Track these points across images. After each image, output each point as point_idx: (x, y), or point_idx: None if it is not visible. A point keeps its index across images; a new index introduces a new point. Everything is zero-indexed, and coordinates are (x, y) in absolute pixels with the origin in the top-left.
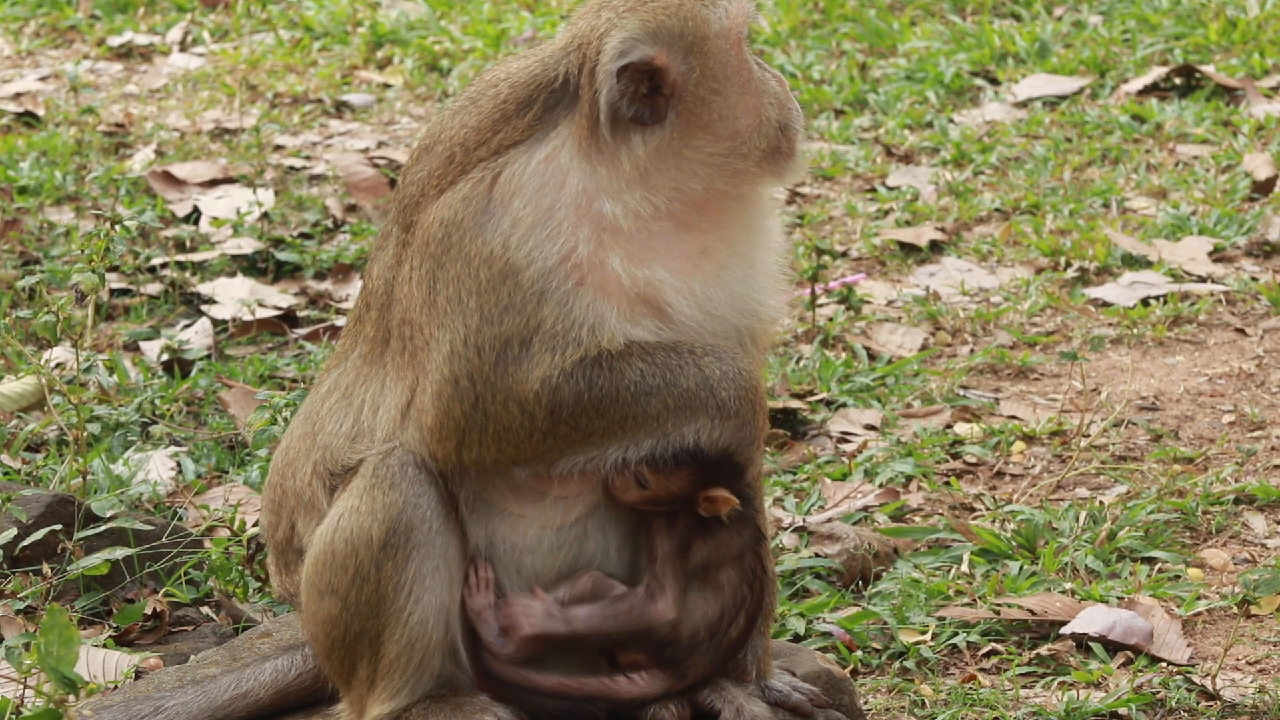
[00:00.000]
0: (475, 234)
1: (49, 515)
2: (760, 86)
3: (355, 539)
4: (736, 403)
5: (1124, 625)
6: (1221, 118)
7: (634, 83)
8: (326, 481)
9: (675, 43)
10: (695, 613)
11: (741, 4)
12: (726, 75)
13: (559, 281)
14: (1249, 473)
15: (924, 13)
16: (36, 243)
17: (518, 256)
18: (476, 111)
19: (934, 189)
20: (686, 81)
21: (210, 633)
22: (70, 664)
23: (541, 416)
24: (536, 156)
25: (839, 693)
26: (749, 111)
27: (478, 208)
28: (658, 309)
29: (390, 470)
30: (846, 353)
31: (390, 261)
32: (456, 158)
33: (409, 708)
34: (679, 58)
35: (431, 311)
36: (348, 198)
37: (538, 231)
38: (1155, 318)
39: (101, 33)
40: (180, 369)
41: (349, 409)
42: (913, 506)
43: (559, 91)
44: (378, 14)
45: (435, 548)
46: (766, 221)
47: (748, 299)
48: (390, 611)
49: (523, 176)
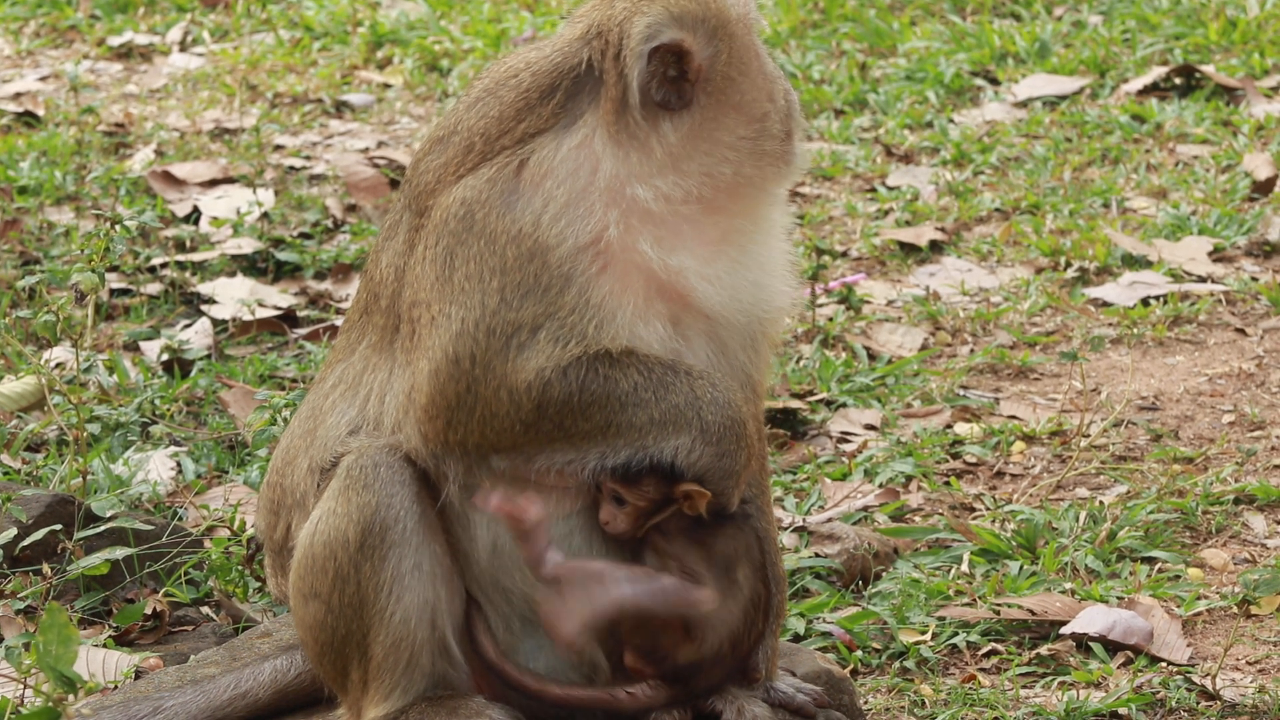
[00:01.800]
0: (504, 212)
1: (49, 515)
2: (775, 72)
3: (333, 541)
4: (720, 429)
5: (1124, 625)
6: (1221, 118)
7: (663, 65)
8: (318, 478)
9: (699, 26)
10: (719, 624)
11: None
12: (746, 59)
13: (585, 265)
14: (1249, 473)
15: (924, 13)
16: (36, 243)
17: (549, 235)
18: (497, 102)
19: (934, 189)
20: (714, 65)
21: (210, 633)
22: (69, 663)
23: (528, 409)
24: (567, 143)
25: (839, 693)
26: (768, 95)
27: (505, 188)
28: (681, 296)
29: (363, 470)
30: (846, 353)
31: (401, 248)
32: (477, 146)
33: (405, 709)
34: (704, 41)
35: (445, 288)
36: (348, 198)
37: (570, 211)
38: (1155, 318)
39: (101, 33)
40: (180, 369)
41: (354, 399)
42: (913, 506)
43: (583, 79)
44: (378, 14)
45: (412, 546)
46: (779, 215)
47: (764, 288)
48: (373, 612)
49: (554, 160)
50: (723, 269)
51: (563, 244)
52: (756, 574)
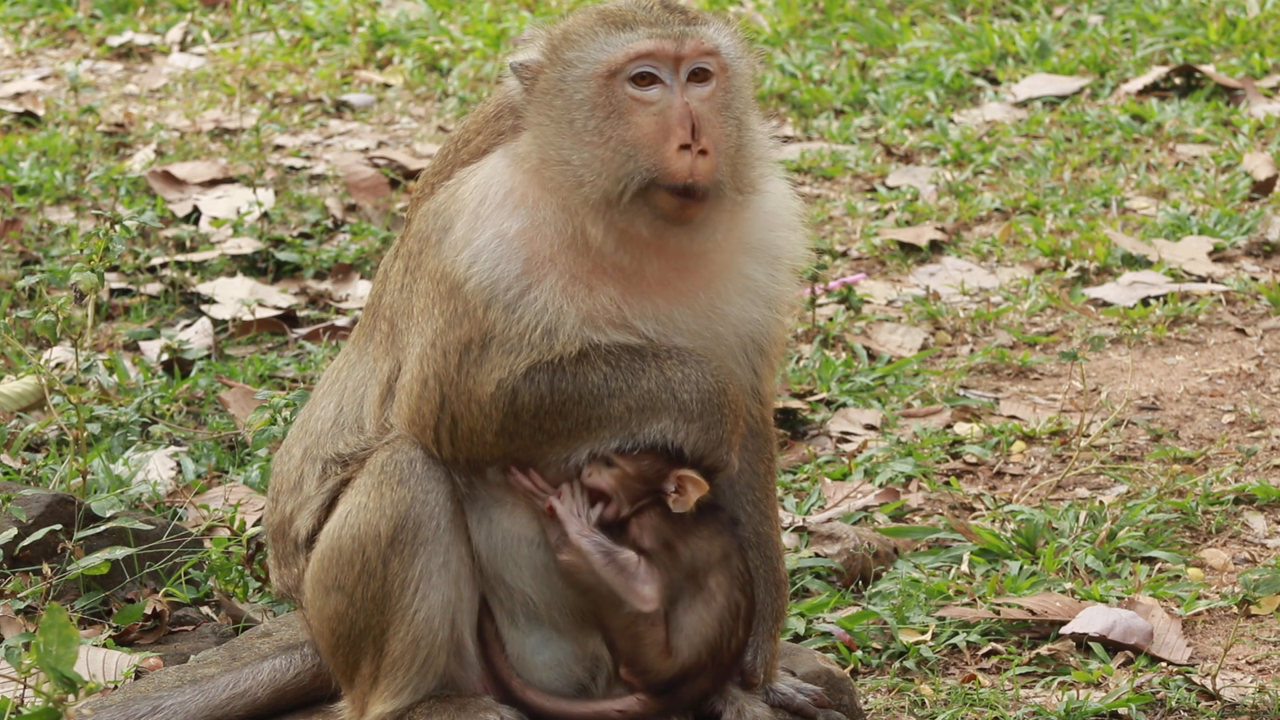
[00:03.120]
0: (435, 251)
1: (49, 515)
2: (618, 130)
3: (363, 535)
4: (699, 405)
5: (1124, 625)
6: (1221, 118)
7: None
8: (316, 466)
9: (548, 54)
10: (694, 634)
11: (627, 47)
12: (579, 101)
13: (503, 291)
14: (1249, 473)
15: (924, 13)
16: (36, 243)
17: (460, 272)
18: (472, 113)
19: (934, 189)
20: (546, 85)
21: (210, 633)
22: (70, 663)
23: (499, 418)
24: (484, 169)
25: (839, 693)
26: (589, 145)
27: (441, 224)
28: (617, 320)
29: (399, 466)
30: (846, 353)
31: (391, 253)
32: (449, 156)
33: (412, 707)
34: (548, 64)
35: (409, 316)
36: (348, 198)
37: (482, 247)
38: (1155, 318)
39: (101, 33)
40: (180, 369)
41: (338, 393)
42: (913, 506)
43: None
44: (378, 14)
45: (442, 544)
46: (744, 237)
47: (722, 315)
48: (396, 608)
49: (469, 191)
50: (660, 300)
51: (470, 280)
52: (734, 583)
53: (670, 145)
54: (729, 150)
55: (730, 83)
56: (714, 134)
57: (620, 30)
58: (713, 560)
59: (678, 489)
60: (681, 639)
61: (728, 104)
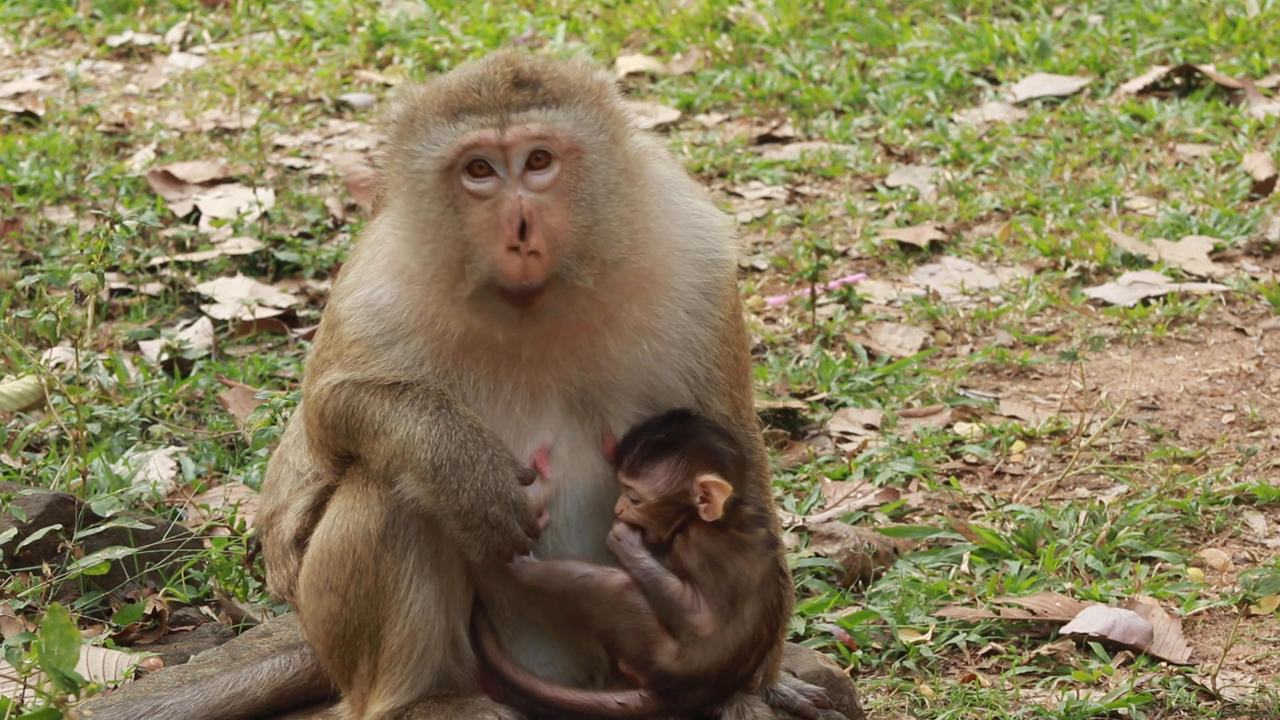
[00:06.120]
0: (338, 283)
1: (49, 515)
2: (454, 227)
3: (352, 534)
4: (433, 469)
5: (1124, 625)
6: (1221, 117)
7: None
8: (290, 469)
9: (394, 140)
10: (711, 651)
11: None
12: (420, 192)
13: (369, 340)
14: (1249, 473)
15: (924, 13)
16: (36, 243)
17: (340, 314)
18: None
19: (934, 189)
20: (394, 172)
21: (210, 633)
22: (70, 664)
23: (316, 422)
24: (381, 226)
25: (839, 693)
26: (432, 241)
27: (347, 263)
28: (481, 393)
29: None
30: (846, 352)
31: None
32: (381, 197)
33: (410, 706)
34: (394, 151)
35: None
36: (348, 197)
37: (356, 305)
38: (1155, 318)
39: (101, 33)
40: (180, 369)
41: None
42: (913, 506)
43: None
44: (378, 14)
45: (434, 537)
46: (623, 287)
47: (614, 361)
48: (391, 602)
49: (365, 245)
50: (530, 371)
51: (347, 325)
52: (764, 616)
53: (499, 246)
54: (574, 238)
55: (579, 163)
56: (551, 225)
57: (452, 120)
58: (753, 586)
59: (703, 498)
60: (697, 650)
61: (573, 187)
